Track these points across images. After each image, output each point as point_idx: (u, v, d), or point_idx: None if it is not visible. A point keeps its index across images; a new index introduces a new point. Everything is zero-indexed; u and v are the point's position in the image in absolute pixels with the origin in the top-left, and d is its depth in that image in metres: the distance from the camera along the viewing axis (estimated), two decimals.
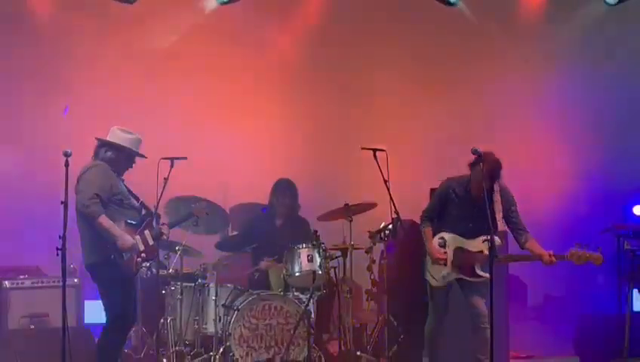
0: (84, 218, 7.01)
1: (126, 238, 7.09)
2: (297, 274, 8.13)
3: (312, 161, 10.50)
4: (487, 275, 6.96)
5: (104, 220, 6.97)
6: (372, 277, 8.54)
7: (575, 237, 9.76)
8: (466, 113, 10.85)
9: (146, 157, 7.47)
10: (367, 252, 8.50)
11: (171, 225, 7.66)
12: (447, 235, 7.46)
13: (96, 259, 7.07)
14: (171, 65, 10.53)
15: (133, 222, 7.20)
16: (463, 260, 7.33)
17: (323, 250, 8.16)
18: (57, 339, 6.60)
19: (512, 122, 11.02)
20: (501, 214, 7.25)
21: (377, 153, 7.98)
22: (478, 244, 7.24)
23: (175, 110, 10.43)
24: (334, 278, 8.40)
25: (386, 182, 7.94)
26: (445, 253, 7.39)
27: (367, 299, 8.63)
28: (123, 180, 7.39)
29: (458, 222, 7.42)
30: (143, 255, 7.22)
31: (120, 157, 7.32)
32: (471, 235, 7.30)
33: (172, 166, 7.67)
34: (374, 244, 8.45)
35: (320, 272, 8.06)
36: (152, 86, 10.37)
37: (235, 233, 9.20)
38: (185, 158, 7.78)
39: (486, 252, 7.04)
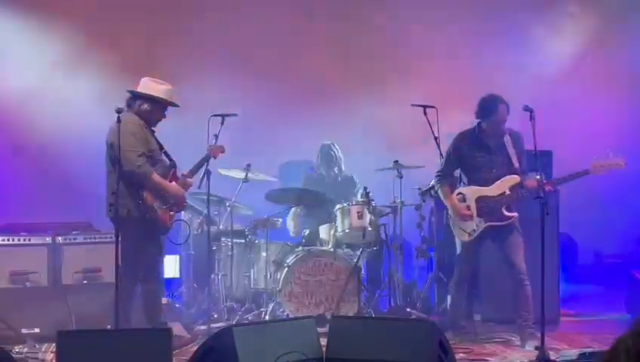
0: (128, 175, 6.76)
1: (178, 189, 7.12)
2: (347, 230, 8.16)
3: (360, 117, 10.43)
4: (515, 214, 7.17)
5: (156, 177, 6.92)
6: (422, 234, 8.53)
7: (618, 195, 9.71)
8: (511, 67, 10.66)
9: (179, 105, 7.27)
10: (417, 209, 8.49)
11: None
12: (464, 189, 7.46)
13: (126, 213, 6.78)
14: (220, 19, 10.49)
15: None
16: (488, 208, 7.28)
17: (373, 207, 8.16)
18: (110, 294, 6.71)
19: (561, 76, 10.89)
20: (515, 156, 7.22)
21: (427, 110, 7.99)
22: (496, 188, 7.27)
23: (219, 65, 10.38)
24: (384, 235, 8.43)
25: (436, 138, 7.94)
26: (468, 206, 7.35)
27: (417, 256, 8.61)
28: (153, 131, 7.19)
29: (480, 170, 7.37)
30: (174, 208, 7.16)
31: (156, 110, 7.11)
32: (492, 183, 7.30)
33: (222, 123, 7.71)
34: (424, 201, 8.43)
35: (370, 229, 8.07)
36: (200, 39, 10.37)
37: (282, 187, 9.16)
38: (236, 115, 7.80)
39: (507, 192, 7.20)
